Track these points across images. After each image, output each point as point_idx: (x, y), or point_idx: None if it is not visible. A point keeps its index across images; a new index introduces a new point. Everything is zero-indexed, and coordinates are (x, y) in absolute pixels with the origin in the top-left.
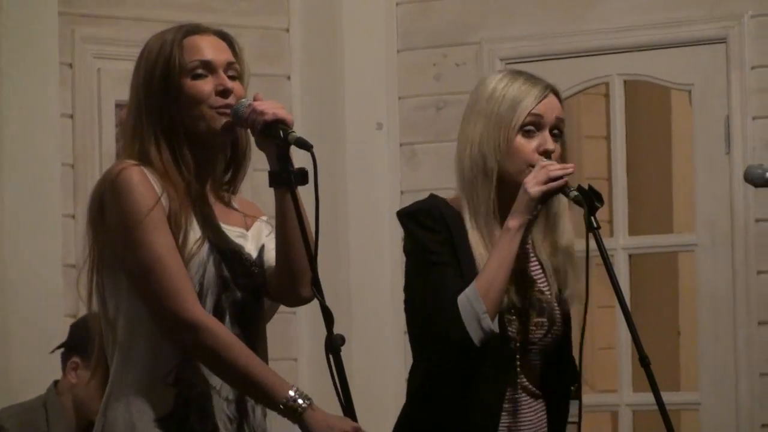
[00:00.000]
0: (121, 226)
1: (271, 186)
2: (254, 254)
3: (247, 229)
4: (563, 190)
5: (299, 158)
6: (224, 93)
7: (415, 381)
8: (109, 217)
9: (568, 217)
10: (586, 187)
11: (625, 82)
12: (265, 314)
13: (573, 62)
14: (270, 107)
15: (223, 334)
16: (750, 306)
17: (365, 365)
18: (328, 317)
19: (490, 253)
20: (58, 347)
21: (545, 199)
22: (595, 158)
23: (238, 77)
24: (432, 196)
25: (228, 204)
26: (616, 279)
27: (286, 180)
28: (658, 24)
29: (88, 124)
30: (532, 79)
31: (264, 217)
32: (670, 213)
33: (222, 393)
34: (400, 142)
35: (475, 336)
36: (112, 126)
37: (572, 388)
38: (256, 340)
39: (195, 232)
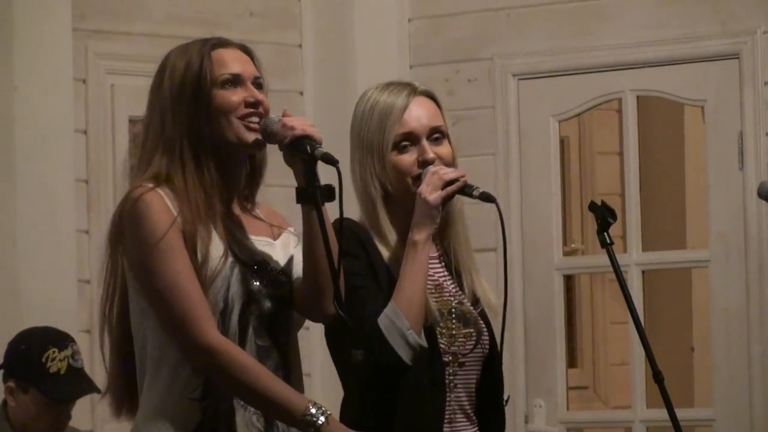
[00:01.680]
0: (137, 252)
1: (298, 202)
2: (282, 263)
3: (275, 238)
4: (465, 191)
5: (326, 174)
6: (254, 104)
7: (349, 413)
8: (128, 242)
9: (464, 222)
10: (599, 202)
11: (638, 97)
12: (295, 323)
13: (586, 78)
14: (300, 123)
15: (238, 356)
16: (764, 322)
17: None
18: (350, 332)
19: (401, 269)
20: None
21: (445, 203)
22: (608, 174)
23: (262, 90)
24: (344, 219)
25: (253, 214)
26: (630, 295)
27: (312, 196)
28: (671, 40)
29: (102, 140)
30: (397, 88)
31: (291, 228)
32: (684, 229)
33: (249, 406)
34: None
35: (405, 354)
36: (126, 141)
37: (505, 400)
38: (287, 348)
39: (218, 248)
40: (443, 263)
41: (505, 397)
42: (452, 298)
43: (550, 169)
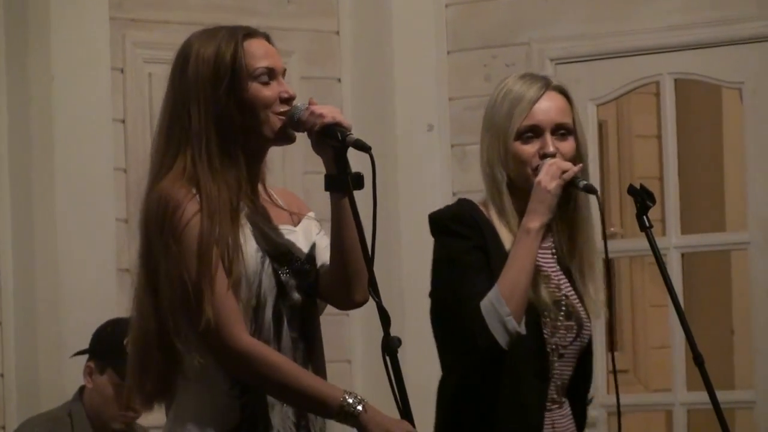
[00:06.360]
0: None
1: (327, 190)
2: (305, 251)
3: (295, 225)
4: (573, 181)
5: (354, 162)
6: (289, 100)
7: (447, 393)
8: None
9: (593, 224)
10: (638, 186)
11: (675, 80)
12: (319, 311)
13: (623, 62)
14: (329, 111)
15: (270, 357)
16: None
17: (419, 367)
18: (385, 319)
19: (510, 254)
20: (78, 352)
21: (561, 192)
22: (647, 157)
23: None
24: (462, 200)
25: (273, 201)
26: (669, 278)
27: (343, 183)
28: (708, 22)
29: (140, 129)
30: (532, 80)
31: (311, 214)
32: (722, 211)
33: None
34: (451, 144)
35: (502, 339)
36: None
37: (589, 399)
38: (314, 339)
39: (249, 245)
40: (555, 256)
41: (590, 397)
42: (559, 290)
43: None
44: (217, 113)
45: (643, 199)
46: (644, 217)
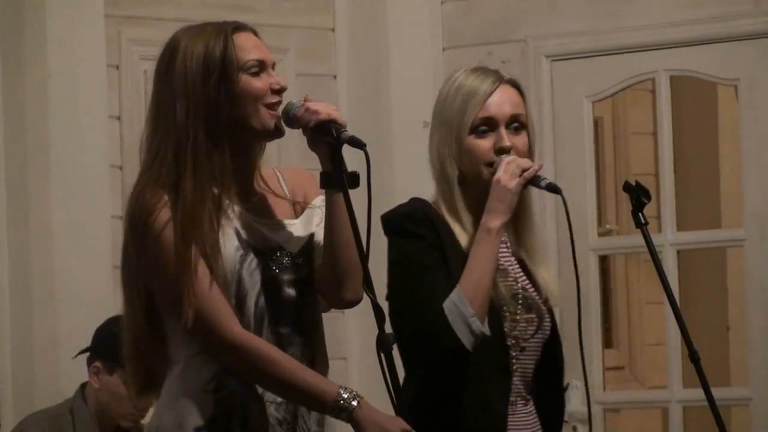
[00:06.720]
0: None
1: (322, 187)
2: (301, 244)
3: (297, 215)
4: (534, 180)
5: (350, 160)
6: (279, 91)
7: (410, 396)
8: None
9: (533, 212)
10: (634, 183)
11: (671, 77)
12: (319, 304)
13: (619, 58)
14: (324, 107)
15: (264, 350)
16: None
17: None
18: (379, 315)
19: (471, 254)
20: (81, 352)
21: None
22: (642, 154)
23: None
24: (415, 199)
25: (274, 191)
26: (665, 275)
27: (338, 180)
28: (704, 19)
29: (136, 126)
30: (483, 74)
31: (316, 201)
32: (718, 208)
33: (267, 397)
34: None
35: (466, 340)
36: None
37: (565, 386)
38: (313, 334)
39: (230, 243)
40: (509, 249)
41: (565, 384)
42: (516, 283)
43: (584, 150)
44: (206, 107)
45: (638, 195)
46: (640, 213)
